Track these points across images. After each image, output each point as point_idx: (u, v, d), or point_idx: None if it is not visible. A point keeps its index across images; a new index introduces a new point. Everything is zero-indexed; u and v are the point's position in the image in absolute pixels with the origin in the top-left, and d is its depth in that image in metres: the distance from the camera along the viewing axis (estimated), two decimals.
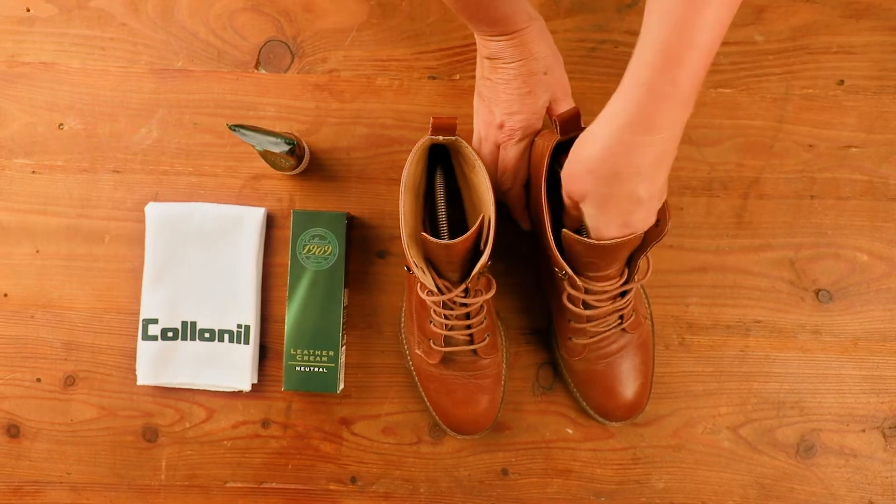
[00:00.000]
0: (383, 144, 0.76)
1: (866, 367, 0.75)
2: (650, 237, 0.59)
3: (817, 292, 0.75)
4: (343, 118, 0.76)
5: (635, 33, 0.74)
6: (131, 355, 0.75)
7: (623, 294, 0.65)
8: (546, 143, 0.64)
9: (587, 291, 0.63)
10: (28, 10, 0.76)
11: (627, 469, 0.75)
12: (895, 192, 0.75)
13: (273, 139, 0.66)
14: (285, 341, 0.71)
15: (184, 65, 0.76)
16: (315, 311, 0.71)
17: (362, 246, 0.76)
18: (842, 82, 0.76)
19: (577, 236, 0.58)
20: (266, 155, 0.69)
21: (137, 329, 0.75)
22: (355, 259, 0.76)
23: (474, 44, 0.76)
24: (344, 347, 0.74)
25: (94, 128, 0.76)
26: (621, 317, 0.67)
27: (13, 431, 0.74)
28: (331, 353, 0.71)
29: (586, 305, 0.65)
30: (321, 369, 0.71)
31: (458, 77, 0.76)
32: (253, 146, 0.67)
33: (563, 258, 0.62)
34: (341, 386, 0.73)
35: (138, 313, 0.75)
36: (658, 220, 0.58)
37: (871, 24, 0.76)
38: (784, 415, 0.75)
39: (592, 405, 0.72)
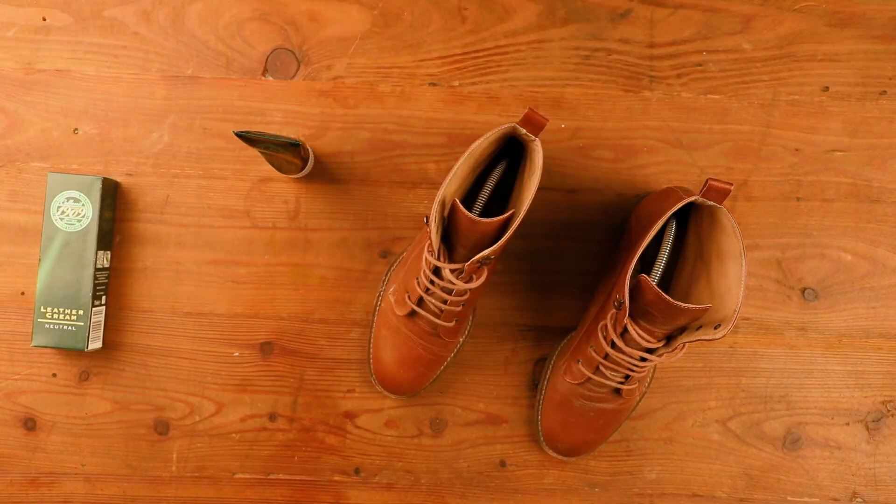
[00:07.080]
0: (386, 149, 0.79)
1: (850, 362, 0.77)
2: (704, 333, 0.60)
3: (803, 291, 0.78)
4: (347, 123, 0.79)
5: (628, 41, 0.78)
6: (144, 351, 0.77)
7: (644, 359, 0.66)
8: (678, 199, 0.65)
9: (625, 331, 0.65)
10: (44, 20, 0.79)
11: (621, 461, 0.77)
12: (878, 195, 0.78)
13: (278, 143, 0.68)
14: (36, 298, 0.74)
15: (194, 72, 0.79)
16: (67, 271, 0.74)
17: (365, 245, 0.79)
18: (827, 89, 0.79)
19: (654, 285, 0.60)
20: (272, 159, 0.72)
21: (148, 327, 0.78)
22: (358, 258, 0.78)
23: (474, 52, 0.79)
24: (103, 308, 0.76)
25: (107, 132, 0.78)
26: (627, 377, 0.68)
27: (30, 424, 0.77)
28: (80, 312, 0.73)
29: (614, 345, 0.66)
30: (70, 327, 0.73)
31: (457, 84, 0.79)
32: (259, 151, 0.69)
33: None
34: (95, 345, 0.75)
35: (149, 311, 0.78)
36: (719, 324, 0.60)
37: (855, 33, 0.79)
38: (771, 408, 0.77)
39: (545, 424, 0.74)
